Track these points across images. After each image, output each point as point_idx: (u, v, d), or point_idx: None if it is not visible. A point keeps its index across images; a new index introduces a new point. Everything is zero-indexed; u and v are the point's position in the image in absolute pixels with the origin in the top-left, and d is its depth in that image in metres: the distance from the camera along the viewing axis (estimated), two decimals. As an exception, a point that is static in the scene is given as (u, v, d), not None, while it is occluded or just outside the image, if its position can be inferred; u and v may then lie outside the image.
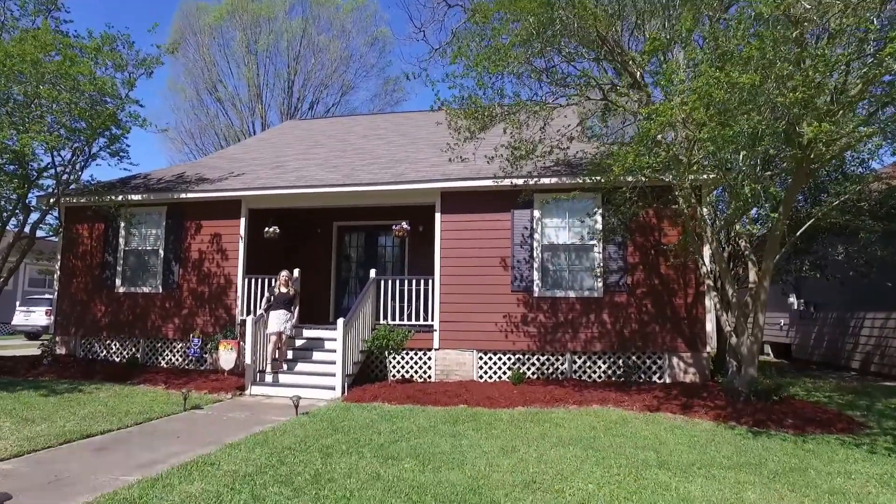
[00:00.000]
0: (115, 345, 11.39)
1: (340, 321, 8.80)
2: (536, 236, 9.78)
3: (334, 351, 8.95)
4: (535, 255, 9.75)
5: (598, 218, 9.51)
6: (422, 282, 10.08)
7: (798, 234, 7.97)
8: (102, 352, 11.44)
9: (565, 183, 9.30)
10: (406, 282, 10.29)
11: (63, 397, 7.93)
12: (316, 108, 32.94)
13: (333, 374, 8.77)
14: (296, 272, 10.68)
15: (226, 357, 9.78)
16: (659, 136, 7.12)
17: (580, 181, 8.98)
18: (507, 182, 9.42)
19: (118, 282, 11.48)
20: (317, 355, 9.73)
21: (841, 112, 5.54)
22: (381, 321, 10.07)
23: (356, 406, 7.73)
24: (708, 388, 8.35)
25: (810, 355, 13.64)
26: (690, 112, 5.54)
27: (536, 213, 9.82)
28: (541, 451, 5.40)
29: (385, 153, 13.01)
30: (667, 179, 7.60)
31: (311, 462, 4.97)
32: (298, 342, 10.00)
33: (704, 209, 8.11)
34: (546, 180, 9.44)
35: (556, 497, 4.16)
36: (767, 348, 15.87)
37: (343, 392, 8.62)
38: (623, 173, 6.82)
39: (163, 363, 11.10)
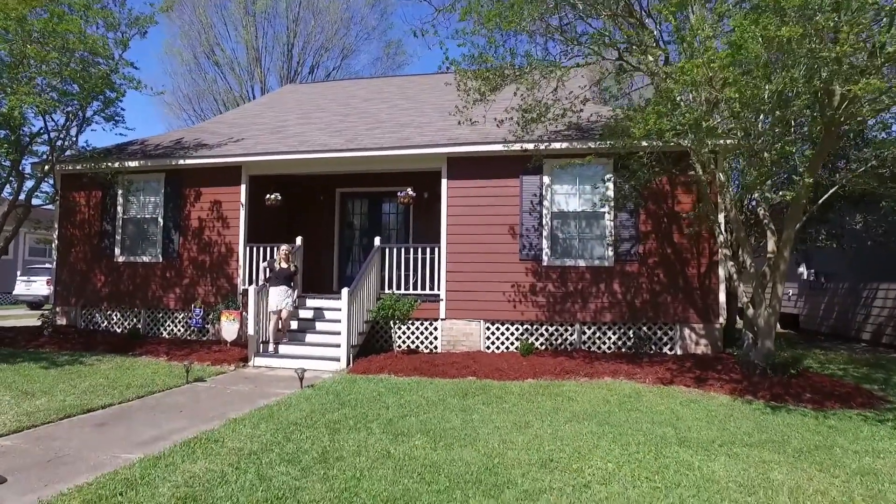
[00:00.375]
0: (116, 315, 11.23)
1: (345, 291, 8.58)
2: (546, 203, 9.47)
3: (339, 321, 8.76)
4: (544, 222, 9.46)
5: (610, 185, 9.19)
6: (427, 250, 9.82)
7: (820, 201, 7.67)
8: (103, 322, 11.28)
9: (577, 148, 8.95)
10: (411, 250, 10.02)
11: (64, 370, 7.78)
12: (316, 72, 32.12)
13: (338, 345, 8.60)
14: (298, 241, 10.42)
15: (228, 328, 9.61)
16: (678, 98, 6.74)
17: (593, 146, 8.61)
18: (517, 147, 9.06)
19: (117, 251, 11.25)
20: (321, 326, 9.55)
21: (880, 69, 5.16)
22: (386, 290, 9.86)
23: (362, 378, 7.56)
24: (722, 361, 8.17)
25: (819, 326, 13.45)
26: (719, 70, 5.15)
27: (546, 180, 9.48)
28: (555, 427, 5.23)
29: (389, 117, 12.58)
30: (685, 144, 7.24)
31: (319, 439, 4.79)
32: (302, 312, 9.80)
33: (721, 175, 7.77)
34: (557, 145, 9.08)
35: (575, 477, 3.98)
36: (775, 318, 15.68)
37: (348, 363, 8.46)
38: (643, 136, 6.46)
39: (164, 334, 10.96)
